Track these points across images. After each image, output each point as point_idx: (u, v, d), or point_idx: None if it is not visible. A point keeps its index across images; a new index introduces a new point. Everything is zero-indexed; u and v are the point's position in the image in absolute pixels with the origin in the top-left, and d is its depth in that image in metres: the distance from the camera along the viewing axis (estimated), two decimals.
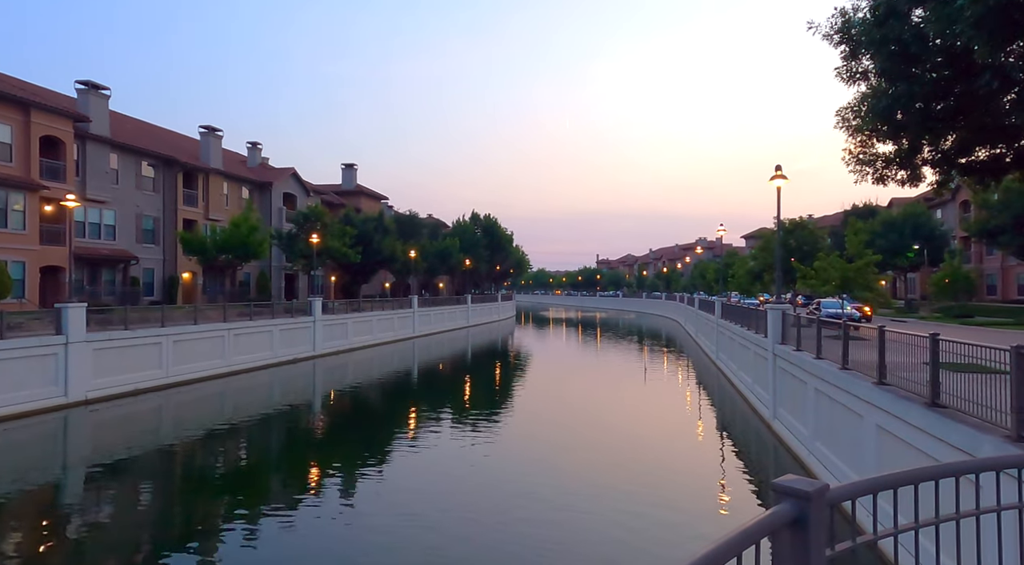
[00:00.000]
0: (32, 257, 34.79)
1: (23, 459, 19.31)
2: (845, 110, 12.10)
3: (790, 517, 2.01)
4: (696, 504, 14.51)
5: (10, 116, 34.36)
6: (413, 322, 59.87)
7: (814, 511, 2.01)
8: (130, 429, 23.35)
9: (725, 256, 73.39)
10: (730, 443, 20.94)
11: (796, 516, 2.01)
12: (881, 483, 2.31)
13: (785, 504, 2.02)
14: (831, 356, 15.74)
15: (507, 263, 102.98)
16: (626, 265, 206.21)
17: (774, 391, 21.41)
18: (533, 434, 22.16)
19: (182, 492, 16.78)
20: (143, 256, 44.59)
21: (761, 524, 1.93)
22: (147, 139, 47.77)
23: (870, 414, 12.23)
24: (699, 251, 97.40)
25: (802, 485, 2.02)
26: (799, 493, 2.00)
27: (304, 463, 19.27)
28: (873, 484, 2.29)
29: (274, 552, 12.00)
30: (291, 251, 52.41)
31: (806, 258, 47.46)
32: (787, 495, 2.03)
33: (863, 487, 2.26)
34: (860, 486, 2.25)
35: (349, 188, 75.00)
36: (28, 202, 34.62)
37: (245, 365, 34.99)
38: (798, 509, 2.00)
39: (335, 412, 28.03)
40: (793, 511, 2.01)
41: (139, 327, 28.95)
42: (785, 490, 2.03)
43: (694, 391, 32.19)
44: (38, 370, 23.79)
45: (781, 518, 1.99)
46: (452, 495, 15.23)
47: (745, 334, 27.99)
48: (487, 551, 11.93)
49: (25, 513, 14.91)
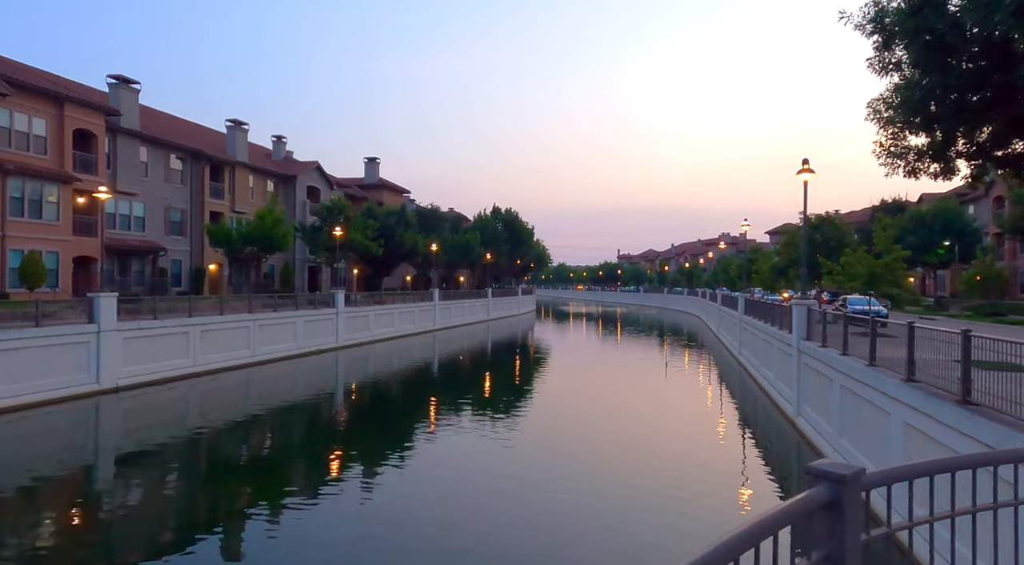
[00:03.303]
0: (65, 248, 35.65)
1: (60, 443, 19.88)
2: (877, 102, 11.86)
3: (825, 500, 2.01)
4: (717, 500, 14.43)
5: (45, 110, 35.17)
6: (434, 315, 60.20)
7: (849, 495, 2.01)
8: (160, 416, 23.88)
9: (749, 252, 72.47)
10: (752, 439, 20.77)
11: (831, 499, 2.01)
12: (917, 470, 2.30)
13: (820, 487, 2.02)
14: (858, 353, 15.52)
15: (528, 257, 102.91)
16: (647, 260, 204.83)
17: (798, 387, 21.17)
18: (553, 427, 22.20)
19: (209, 478, 17.15)
20: (171, 247, 45.42)
21: (796, 506, 1.94)
22: (175, 132, 48.57)
23: (898, 411, 12.05)
24: (722, 246, 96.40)
25: (838, 468, 2.02)
26: (835, 476, 2.01)
27: (327, 452, 19.54)
28: (908, 471, 2.28)
29: (297, 538, 12.21)
30: (314, 244, 52.96)
31: (832, 254, 46.66)
32: (822, 478, 2.03)
33: (898, 474, 2.25)
34: (895, 472, 2.25)
35: (372, 182, 75.50)
36: (62, 194, 35.45)
37: (270, 355, 35.52)
38: (833, 492, 2.00)
39: (357, 403, 28.35)
40: (828, 494, 2.01)
41: (168, 317, 29.54)
42: (820, 473, 2.03)
43: (716, 387, 31.94)
44: (71, 358, 24.41)
45: (816, 501, 2.00)
46: (471, 487, 15.34)
47: (769, 330, 27.70)
48: (505, 545, 12.01)
49: (60, 495, 15.36)
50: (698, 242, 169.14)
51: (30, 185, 33.74)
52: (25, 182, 33.46)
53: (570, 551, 11.47)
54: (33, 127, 34.66)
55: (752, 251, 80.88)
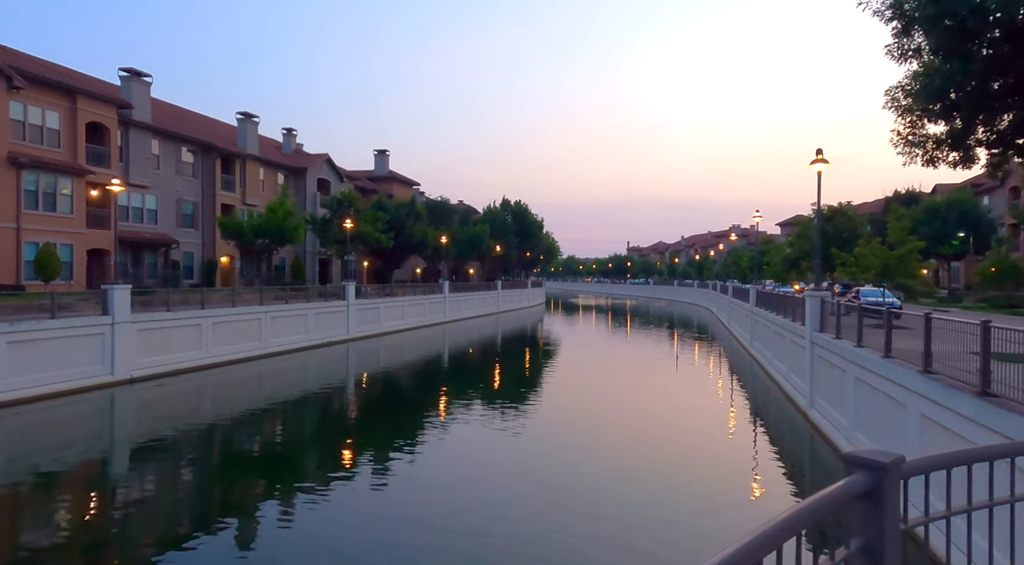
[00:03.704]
0: (79, 240, 35.94)
1: (78, 433, 20.12)
2: (895, 89, 11.67)
3: (863, 488, 1.96)
4: (728, 494, 14.38)
5: (58, 103, 35.39)
6: (444, 307, 60.29)
7: (889, 483, 1.96)
8: (175, 408, 24.09)
9: (760, 243, 71.92)
10: (764, 432, 20.68)
11: (870, 488, 1.96)
12: (955, 459, 2.25)
13: (858, 475, 1.97)
14: (872, 344, 15.38)
15: (537, 250, 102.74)
16: (657, 252, 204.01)
17: (811, 380, 21.03)
18: (562, 420, 22.20)
19: (223, 468, 17.30)
20: (183, 240, 45.70)
21: (835, 494, 1.89)
22: (186, 125, 48.76)
23: (914, 403, 11.93)
24: (733, 238, 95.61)
25: (877, 456, 1.98)
26: (874, 464, 1.96)
27: (338, 443, 19.65)
28: (947, 459, 2.23)
29: (309, 528, 12.30)
30: (325, 236, 53.12)
31: (845, 245, 46.23)
32: (860, 466, 1.98)
33: (937, 462, 2.20)
34: (934, 460, 2.19)
35: (381, 174, 75.56)
36: (75, 187, 35.70)
37: (281, 347, 35.72)
38: (872, 480, 1.96)
39: (368, 394, 28.47)
40: (867, 482, 1.96)
41: (180, 309, 29.76)
42: (858, 461, 1.99)
43: (727, 379, 31.81)
44: (86, 349, 24.65)
45: (854, 489, 1.95)
46: (480, 479, 15.37)
47: (781, 322, 27.52)
48: (515, 538, 12.02)
49: (77, 484, 15.54)
50: (708, 234, 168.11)
51: (44, 178, 34.00)
52: (39, 175, 33.73)
53: (581, 545, 11.47)
54: (47, 120, 34.89)
55: (763, 243, 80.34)
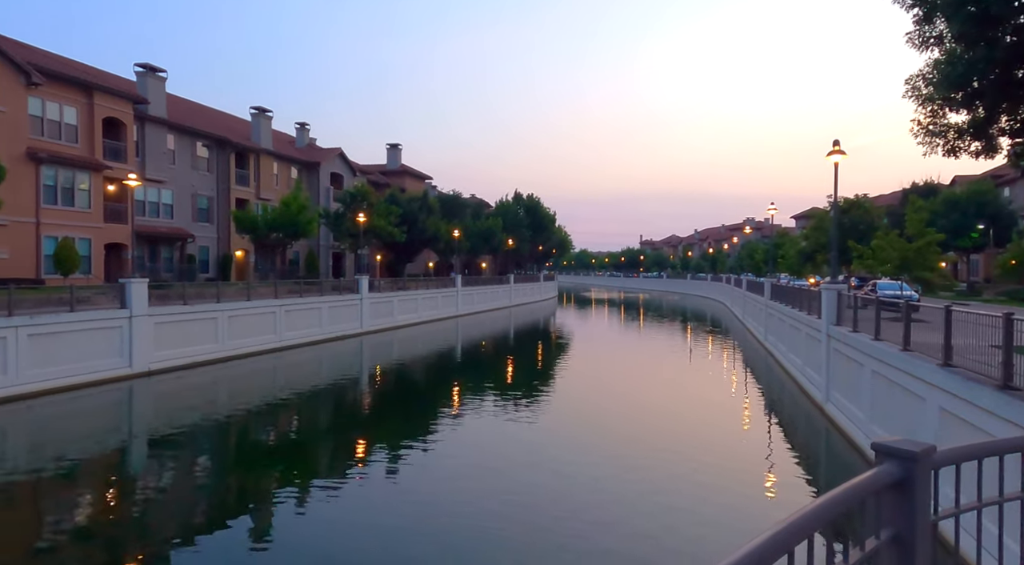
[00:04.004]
0: (97, 234, 36.37)
1: (99, 425, 20.42)
2: (916, 78, 11.46)
3: (894, 478, 1.93)
4: (742, 487, 14.31)
5: (75, 99, 35.75)
6: (456, 301, 60.41)
7: (920, 473, 1.93)
8: (192, 400, 24.37)
9: (775, 236, 71.30)
10: (779, 426, 20.55)
11: (901, 477, 1.93)
12: (987, 449, 2.21)
13: (888, 464, 1.94)
14: (890, 337, 15.20)
15: (550, 243, 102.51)
16: (670, 246, 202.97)
17: (827, 373, 20.85)
18: (575, 413, 22.19)
19: (240, 458, 17.48)
20: (198, 234, 46.10)
21: (864, 484, 1.86)
22: (201, 120, 49.08)
23: (933, 396, 11.79)
24: (747, 231, 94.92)
25: (908, 445, 1.94)
26: (905, 453, 1.93)
27: (352, 435, 19.78)
28: (979, 450, 2.19)
29: (323, 519, 12.40)
30: (338, 230, 53.34)
31: (862, 238, 45.72)
32: (890, 456, 1.95)
33: (968, 452, 2.16)
34: (965, 451, 2.15)
35: (394, 168, 75.67)
36: (93, 182, 36.10)
37: (295, 341, 35.99)
38: (903, 470, 1.93)
39: (383, 387, 28.62)
40: (897, 472, 1.93)
41: (196, 302, 30.04)
42: (888, 450, 1.95)
43: (741, 373, 31.63)
44: (105, 342, 24.98)
45: (884, 479, 1.92)
46: (494, 469, 15.40)
47: (796, 315, 27.29)
48: (528, 527, 12.04)
49: (99, 473, 15.78)
50: (722, 227, 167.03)
51: (62, 173, 34.41)
52: (58, 170, 34.13)
53: (596, 538, 11.47)
54: (64, 116, 35.27)
55: (778, 236, 79.64)
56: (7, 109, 31.55)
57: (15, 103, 32.06)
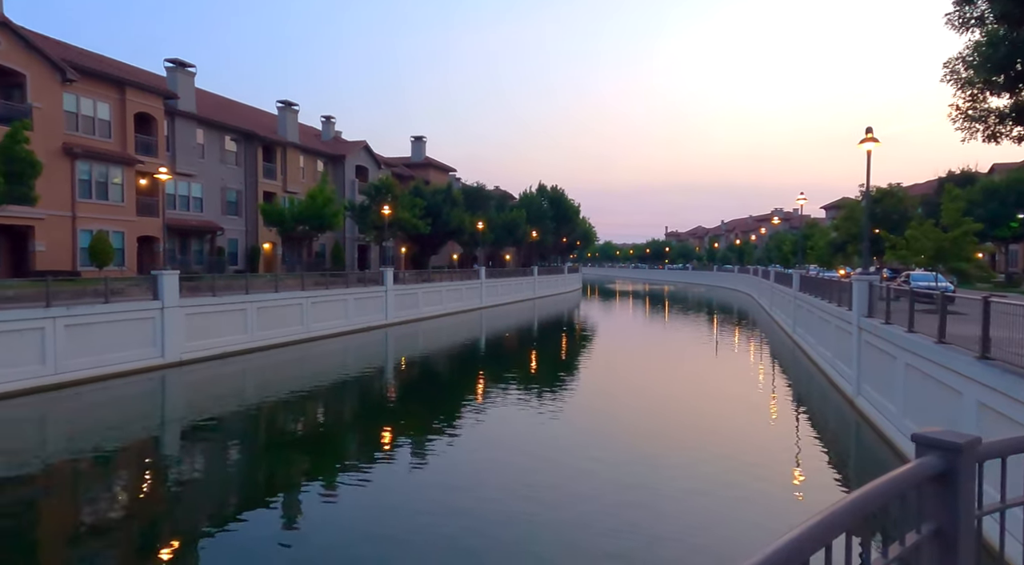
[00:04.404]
0: (130, 227, 37.19)
1: (135, 412, 20.95)
2: (955, 61, 11.04)
3: (936, 471, 1.85)
4: (770, 483, 14.11)
5: (108, 95, 36.51)
6: (480, 293, 60.54)
7: (964, 465, 1.85)
8: (224, 389, 24.87)
9: (804, 227, 69.90)
10: (808, 419, 20.21)
11: (943, 470, 1.85)
12: None
13: (931, 457, 1.86)
14: (925, 329, 14.81)
15: (574, 235, 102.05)
16: (696, 237, 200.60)
17: (858, 366, 20.43)
18: (600, 406, 22.09)
19: (271, 445, 17.80)
20: (227, 227, 46.86)
21: (904, 476, 1.79)
22: (229, 114, 49.77)
23: (970, 390, 11.47)
24: (775, 222, 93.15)
25: (950, 436, 1.86)
26: (948, 445, 1.85)
27: (378, 425, 19.97)
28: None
29: (351, 506, 12.56)
30: (363, 222, 53.76)
31: (894, 228, 44.59)
32: (933, 447, 1.87)
33: (1017, 444, 2.06)
34: (1013, 443, 2.06)
35: (418, 160, 75.94)
36: (126, 176, 36.88)
37: (322, 332, 36.43)
38: (946, 462, 1.85)
39: (408, 378, 28.85)
40: (940, 465, 1.85)
41: (226, 294, 30.57)
42: (931, 442, 1.88)
43: (769, 365, 31.18)
44: (138, 332, 25.57)
45: (926, 471, 1.85)
46: (518, 460, 15.42)
47: (826, 307, 26.77)
48: (552, 522, 12.04)
49: (136, 459, 16.20)
50: (749, 218, 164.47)
51: (96, 168, 35.20)
52: (92, 165, 34.93)
53: (622, 536, 11.42)
54: (98, 111, 36.05)
55: (807, 227, 78.11)
56: (43, 105, 32.34)
57: (51, 99, 32.84)
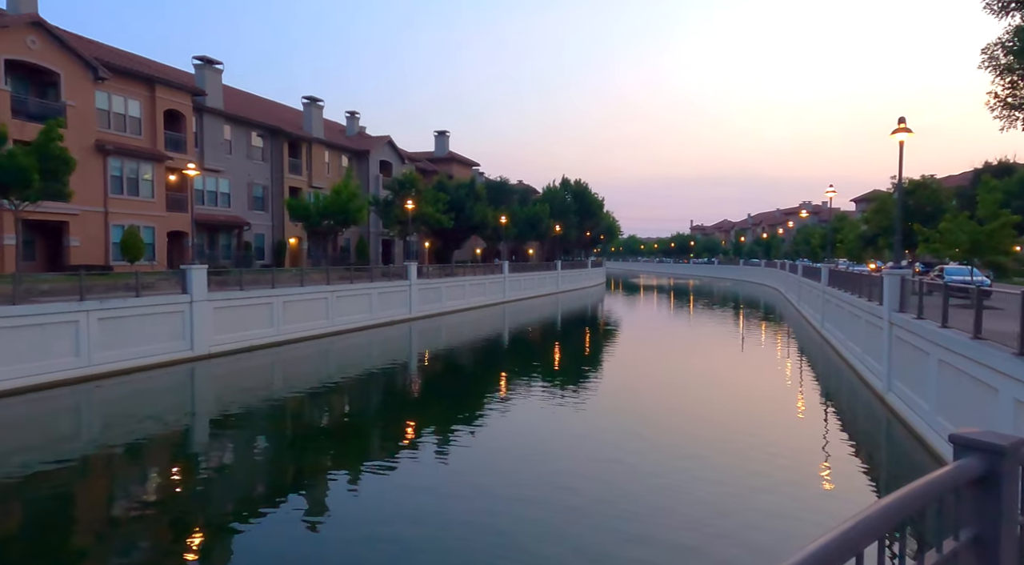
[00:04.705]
0: (160, 223, 37.93)
1: (166, 403, 21.41)
2: (994, 47, 10.65)
3: (976, 474, 1.76)
4: (797, 480, 13.87)
5: (139, 92, 37.22)
6: (504, 287, 60.56)
7: (1007, 468, 1.75)
8: (251, 381, 25.27)
9: (833, 220, 68.56)
10: (836, 416, 19.83)
11: (984, 473, 1.76)
12: None
13: (970, 459, 1.77)
14: (959, 325, 14.40)
15: (597, 229, 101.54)
16: (722, 231, 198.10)
17: (889, 362, 19.98)
18: (624, 402, 21.95)
19: (298, 436, 18.05)
20: (254, 222, 47.53)
21: (942, 480, 1.70)
22: (255, 111, 50.38)
23: (1007, 387, 11.12)
24: (803, 215, 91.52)
25: (993, 438, 1.77)
26: (990, 447, 1.75)
27: (402, 418, 20.10)
28: None
29: (375, 497, 12.65)
30: (387, 217, 54.09)
31: (927, 221, 43.50)
32: (973, 449, 1.78)
33: None
34: None
35: (442, 155, 76.11)
36: (156, 172, 37.60)
37: (346, 326, 36.80)
38: (987, 465, 1.75)
39: (431, 372, 28.99)
40: (980, 467, 1.76)
41: (252, 288, 31.02)
42: (971, 443, 1.78)
43: (796, 361, 30.67)
44: (168, 325, 26.08)
45: (965, 474, 1.75)
46: (539, 457, 15.39)
47: (856, 302, 26.21)
48: (574, 514, 11.98)
49: (168, 448, 16.54)
50: (777, 212, 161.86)
51: (128, 164, 35.94)
52: (123, 161, 35.67)
53: (643, 519, 11.32)
54: (129, 109, 36.78)
55: (837, 220, 76.60)
56: (76, 104, 33.07)
57: (84, 98, 33.57)
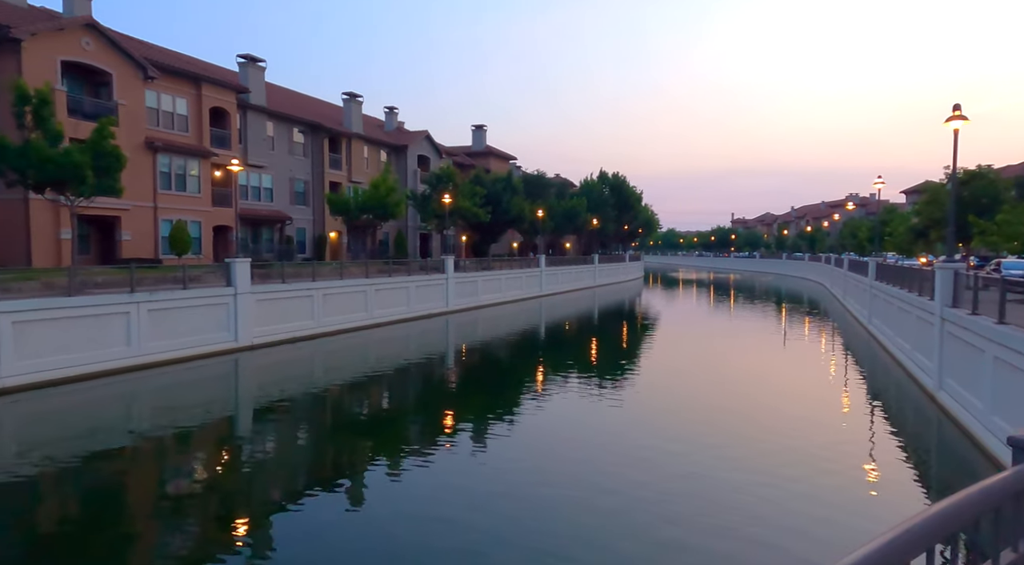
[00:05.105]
0: (206, 217, 39.04)
1: (216, 392, 22.13)
2: None
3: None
4: (840, 484, 13.47)
5: (186, 90, 38.31)
6: (540, 281, 60.47)
7: None
8: (294, 371, 25.90)
9: (882, 212, 66.19)
10: (883, 416, 19.20)
11: None
12: None
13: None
14: (1017, 321, 13.77)
15: (635, 223, 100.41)
16: (764, 224, 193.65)
17: (940, 359, 19.22)
18: (662, 398, 21.69)
19: (338, 426, 18.45)
20: (295, 216, 48.53)
21: (999, 485, 1.60)
22: (296, 107, 51.34)
23: None
24: (850, 208, 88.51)
25: None
26: None
27: (440, 410, 20.29)
28: None
29: (414, 488, 12.80)
30: (425, 211, 54.53)
31: (984, 213, 41.63)
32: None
33: None
34: None
35: (479, 149, 76.29)
36: (202, 168, 38.69)
37: (384, 318, 37.30)
38: None
39: (468, 365, 29.17)
40: None
41: (294, 281, 31.71)
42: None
43: (841, 357, 29.81)
44: (213, 317, 26.87)
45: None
46: (576, 451, 15.32)
47: (905, 297, 25.30)
48: (610, 513, 11.90)
49: (214, 436, 17.08)
50: (821, 204, 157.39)
51: (175, 161, 37.08)
52: (171, 158, 36.81)
53: (679, 520, 11.18)
54: (176, 107, 37.90)
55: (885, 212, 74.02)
56: (127, 102, 34.23)
57: (134, 96, 34.72)
